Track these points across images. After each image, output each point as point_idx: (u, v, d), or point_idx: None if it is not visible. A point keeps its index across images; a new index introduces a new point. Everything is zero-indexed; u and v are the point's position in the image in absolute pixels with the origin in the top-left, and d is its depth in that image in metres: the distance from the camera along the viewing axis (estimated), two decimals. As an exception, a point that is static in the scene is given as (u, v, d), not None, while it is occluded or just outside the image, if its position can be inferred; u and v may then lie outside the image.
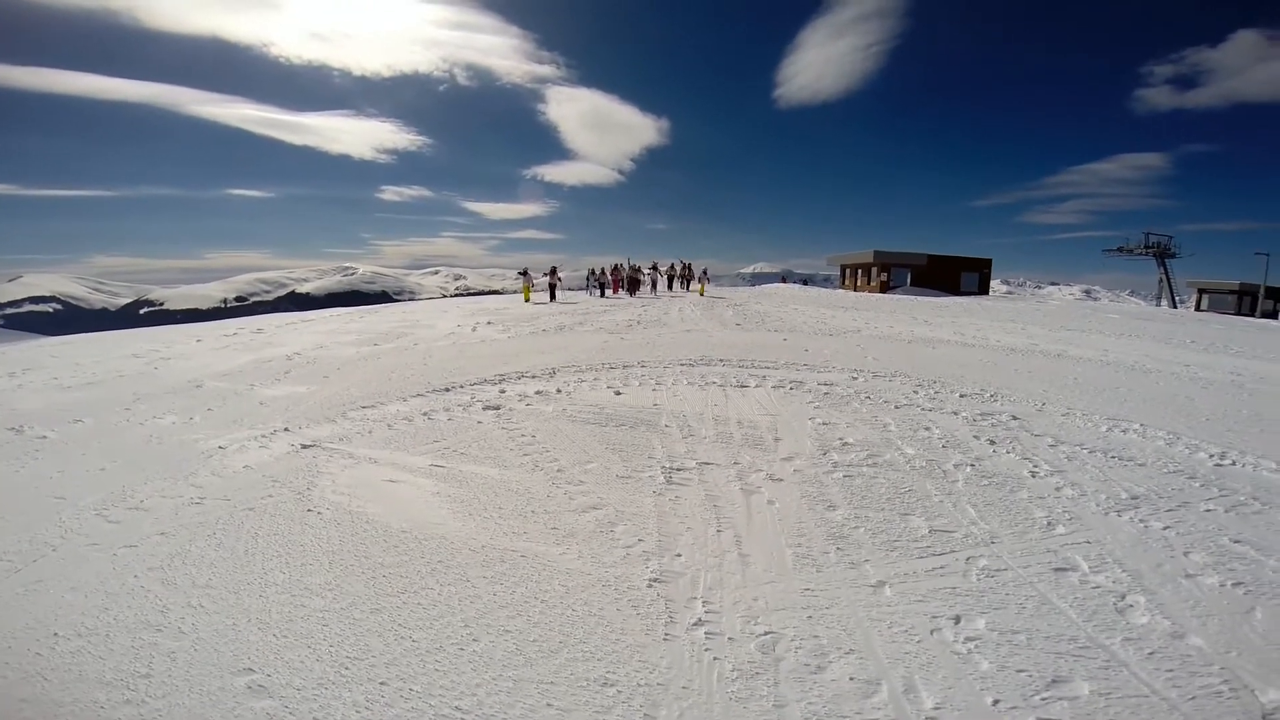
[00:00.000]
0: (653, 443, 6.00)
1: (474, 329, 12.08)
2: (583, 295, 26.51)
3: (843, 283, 43.68)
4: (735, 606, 3.47)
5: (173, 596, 3.57)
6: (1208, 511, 4.62)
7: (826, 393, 7.84)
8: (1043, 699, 2.78)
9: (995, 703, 2.76)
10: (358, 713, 2.72)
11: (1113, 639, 3.17)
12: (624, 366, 9.31)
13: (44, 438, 6.33)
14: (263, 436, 6.27)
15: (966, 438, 6.22)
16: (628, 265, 27.04)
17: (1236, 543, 4.13)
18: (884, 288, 37.18)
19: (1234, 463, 5.66)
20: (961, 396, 7.86)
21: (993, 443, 6.07)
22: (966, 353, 11.38)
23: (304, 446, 5.97)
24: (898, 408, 7.26)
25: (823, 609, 3.45)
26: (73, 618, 3.38)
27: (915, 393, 7.99)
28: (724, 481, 5.12)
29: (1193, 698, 2.77)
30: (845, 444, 5.97)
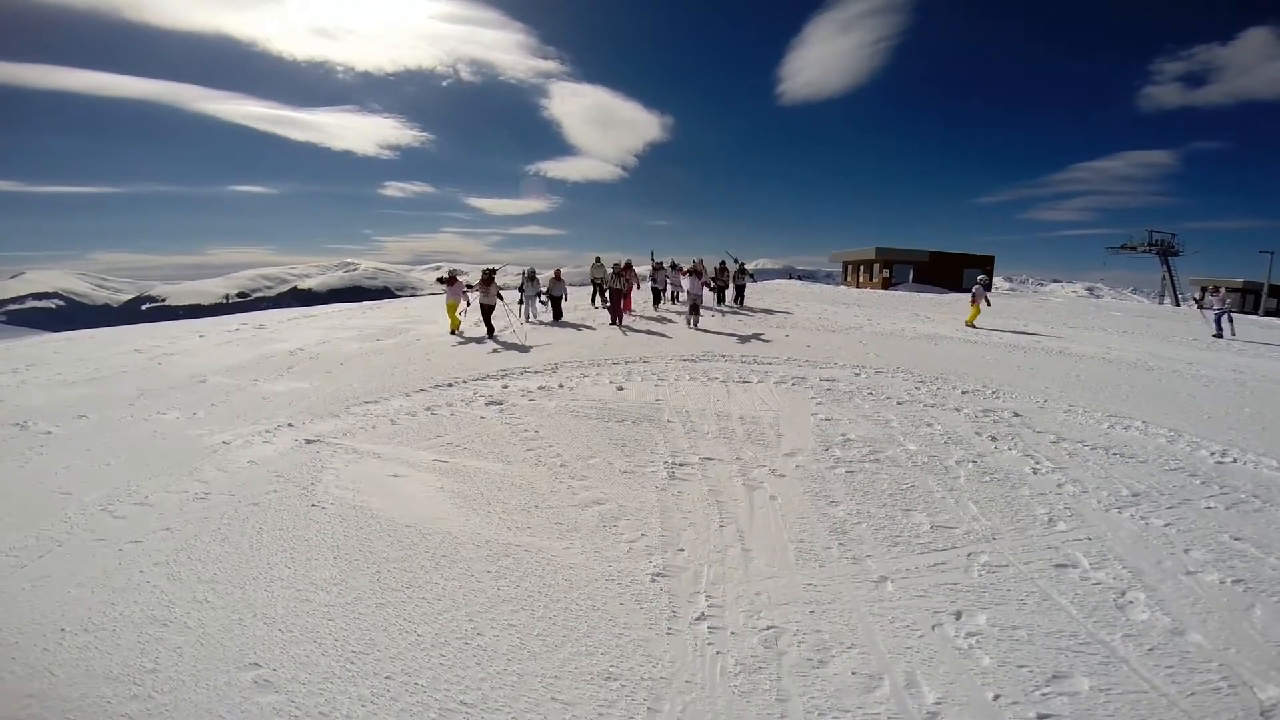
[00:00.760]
0: (655, 438, 6.02)
1: (477, 324, 12.12)
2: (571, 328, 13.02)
3: (845, 279, 43.64)
4: (738, 601, 3.49)
5: (178, 591, 3.59)
6: (1208, 509, 4.63)
7: (829, 389, 7.85)
8: (1043, 694, 2.80)
9: (996, 698, 2.78)
10: (363, 707, 2.74)
11: (1113, 635, 3.19)
12: (626, 362, 9.32)
13: (48, 433, 6.36)
14: (266, 432, 6.29)
15: (968, 434, 6.22)
16: (610, 269, 14.56)
17: (1237, 540, 4.14)
18: (886, 284, 37.11)
19: (1235, 460, 5.66)
20: (963, 393, 7.86)
21: (994, 439, 6.08)
22: (969, 349, 11.37)
23: (308, 441, 5.99)
24: (900, 404, 7.27)
25: (825, 604, 3.47)
26: (79, 613, 3.40)
27: (917, 389, 7.99)
28: (727, 477, 5.13)
29: (1192, 694, 2.79)
30: (847, 440, 5.98)
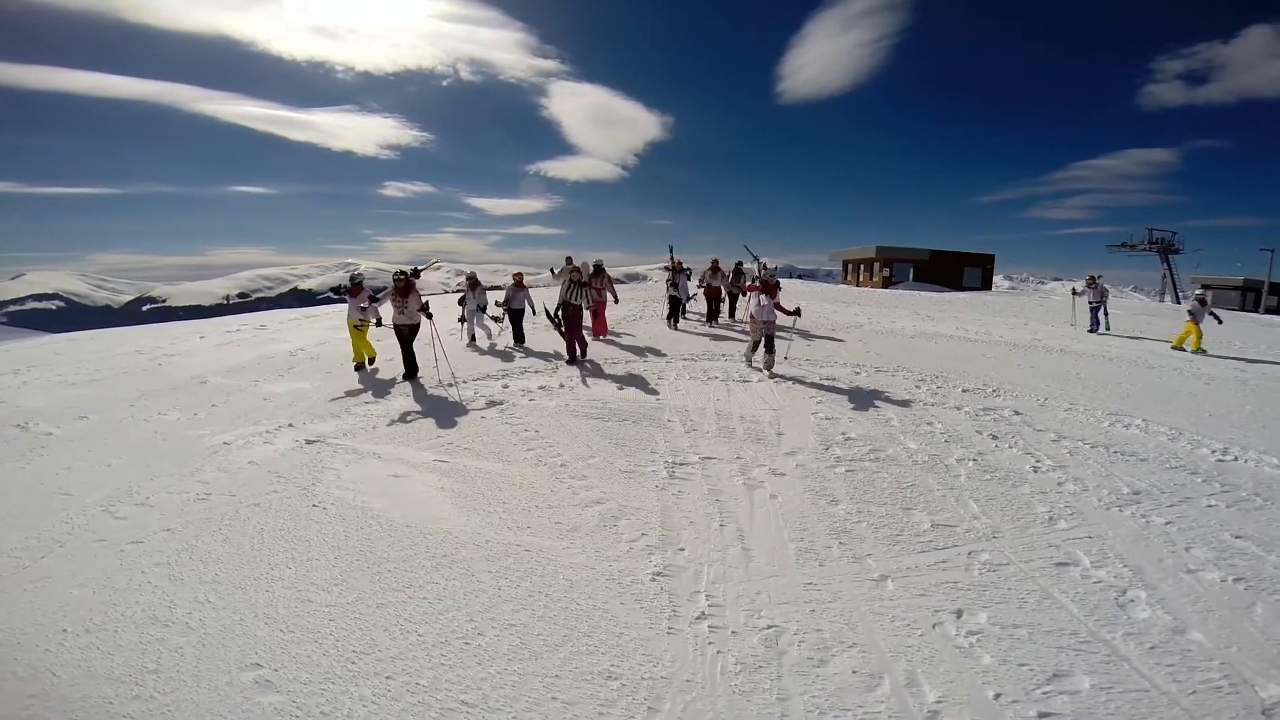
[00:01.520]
0: (655, 437, 6.02)
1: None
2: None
3: (845, 278, 43.63)
4: (738, 600, 3.49)
5: (180, 592, 3.60)
6: (1209, 507, 4.63)
7: (829, 387, 7.84)
8: (1044, 693, 2.80)
9: (997, 696, 2.78)
10: (364, 707, 2.75)
11: (1114, 634, 3.19)
12: (626, 362, 9.32)
13: (49, 434, 6.36)
14: (267, 432, 6.29)
15: (969, 432, 6.22)
16: (570, 277, 9.33)
17: (1238, 538, 4.14)
18: (886, 283, 37.11)
19: (1236, 458, 5.66)
20: (964, 391, 7.86)
21: (995, 438, 6.08)
22: (969, 348, 11.37)
23: (308, 442, 5.99)
24: (900, 402, 7.26)
25: (825, 603, 3.47)
26: (81, 614, 3.41)
27: (918, 387, 7.99)
28: (727, 476, 5.13)
29: (1193, 692, 2.79)
30: (848, 438, 5.98)
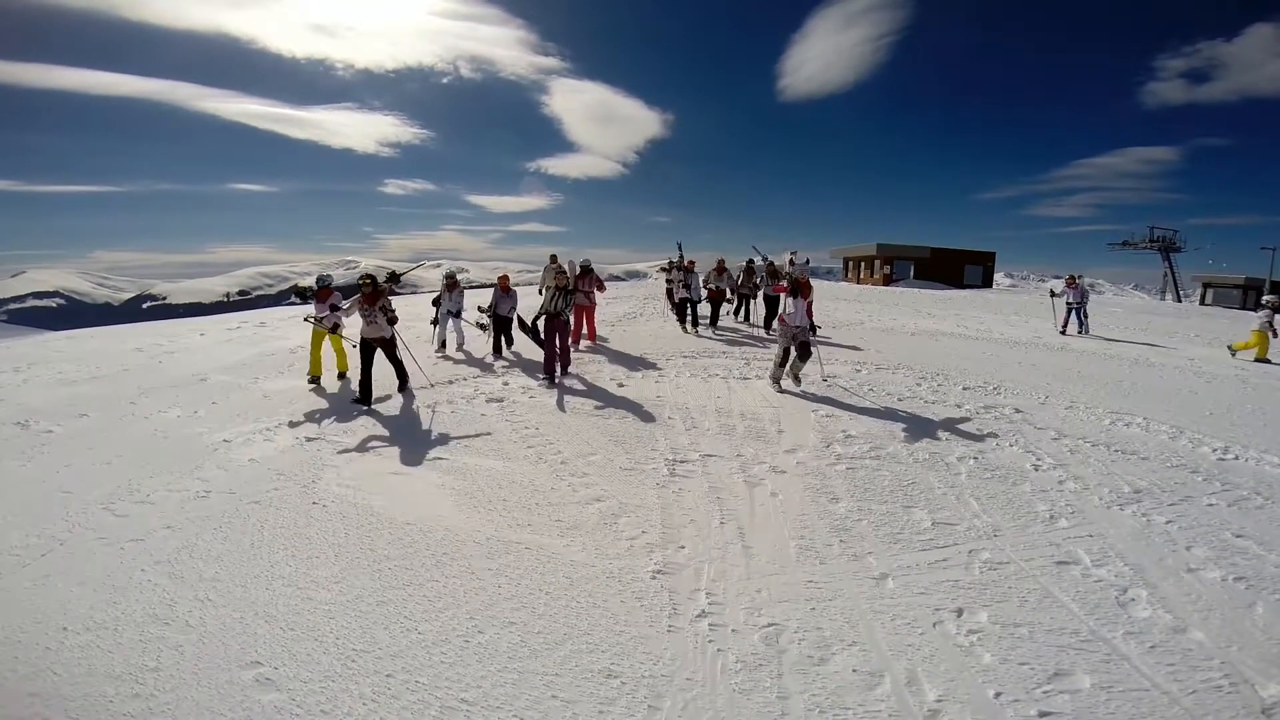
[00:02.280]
0: (656, 435, 6.01)
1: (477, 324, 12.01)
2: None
3: (845, 275, 43.60)
4: (739, 598, 3.49)
5: (180, 590, 3.60)
6: (1210, 506, 4.62)
7: (830, 385, 7.83)
8: (1044, 692, 2.79)
9: (997, 695, 2.77)
10: (365, 705, 2.74)
11: (1114, 633, 3.18)
12: (626, 359, 9.31)
13: (50, 432, 6.36)
14: (267, 430, 6.29)
15: (970, 430, 6.21)
16: (553, 282, 8.29)
17: (1239, 537, 4.13)
18: (887, 281, 37.09)
19: (1237, 457, 5.66)
20: (964, 389, 7.85)
21: (996, 435, 6.07)
22: (970, 345, 11.36)
23: (308, 439, 5.99)
24: (901, 400, 7.26)
25: (826, 601, 3.46)
26: (81, 612, 3.41)
27: (918, 385, 7.98)
28: (727, 474, 5.13)
29: (1193, 692, 2.78)
30: (848, 436, 5.97)
